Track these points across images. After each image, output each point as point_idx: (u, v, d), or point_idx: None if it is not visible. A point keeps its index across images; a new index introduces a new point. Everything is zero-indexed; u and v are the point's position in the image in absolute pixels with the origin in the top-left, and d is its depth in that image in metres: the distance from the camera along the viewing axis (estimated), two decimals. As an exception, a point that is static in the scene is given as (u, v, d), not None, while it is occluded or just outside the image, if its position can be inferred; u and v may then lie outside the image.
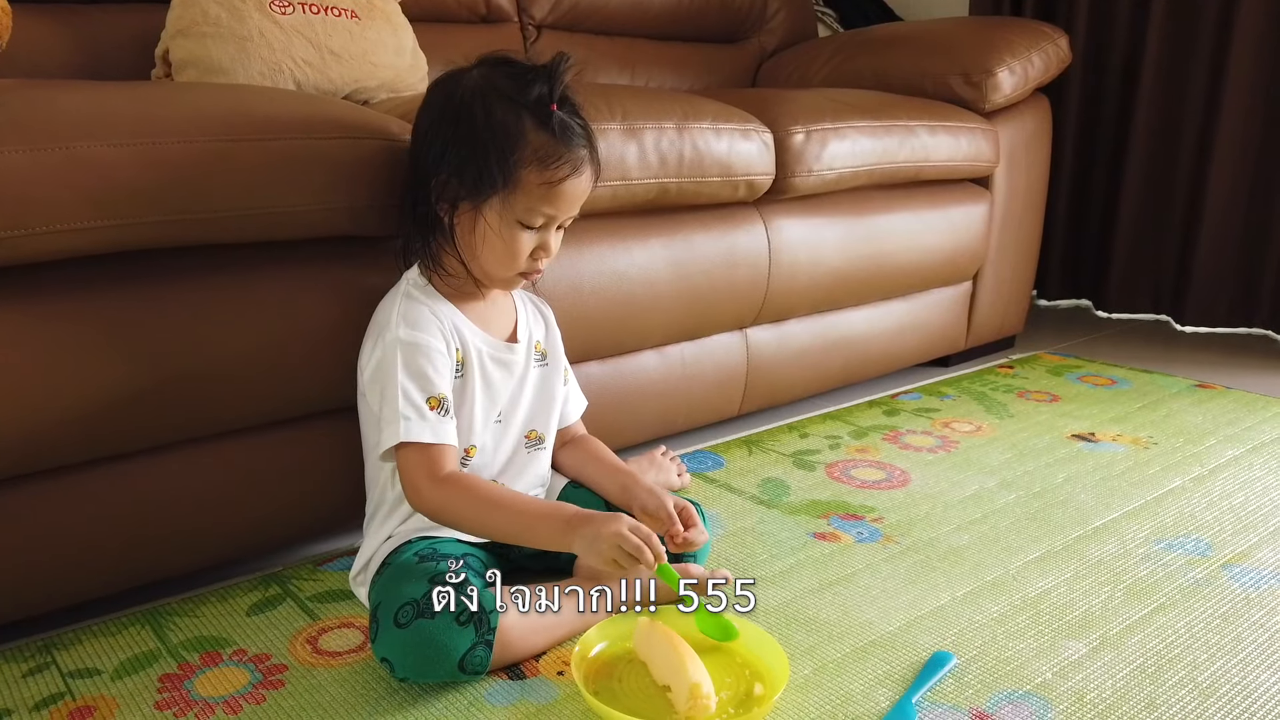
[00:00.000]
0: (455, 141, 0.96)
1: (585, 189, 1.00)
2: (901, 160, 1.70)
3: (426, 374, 0.96)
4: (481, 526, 0.97)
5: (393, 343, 0.97)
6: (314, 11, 1.41)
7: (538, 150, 0.94)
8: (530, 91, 0.95)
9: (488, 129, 0.94)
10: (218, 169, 0.96)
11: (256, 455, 1.10)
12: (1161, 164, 2.29)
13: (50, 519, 0.97)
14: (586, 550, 0.91)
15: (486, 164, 0.94)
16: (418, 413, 0.95)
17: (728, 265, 1.50)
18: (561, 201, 0.97)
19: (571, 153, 0.96)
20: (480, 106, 0.95)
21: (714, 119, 1.43)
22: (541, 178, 0.94)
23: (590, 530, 0.91)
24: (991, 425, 1.65)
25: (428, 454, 0.95)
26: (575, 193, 0.98)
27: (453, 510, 0.96)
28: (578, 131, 0.97)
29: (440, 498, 0.95)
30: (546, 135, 0.94)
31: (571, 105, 0.98)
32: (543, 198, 0.96)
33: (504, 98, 0.95)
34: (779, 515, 1.30)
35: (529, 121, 0.94)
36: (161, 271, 0.98)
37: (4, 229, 0.85)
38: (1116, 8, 2.31)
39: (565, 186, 0.96)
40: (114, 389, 0.95)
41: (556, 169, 0.95)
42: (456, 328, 1.01)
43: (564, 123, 0.96)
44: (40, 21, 1.39)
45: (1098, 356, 2.11)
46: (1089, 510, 1.31)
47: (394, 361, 0.96)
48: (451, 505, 0.95)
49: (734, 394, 1.61)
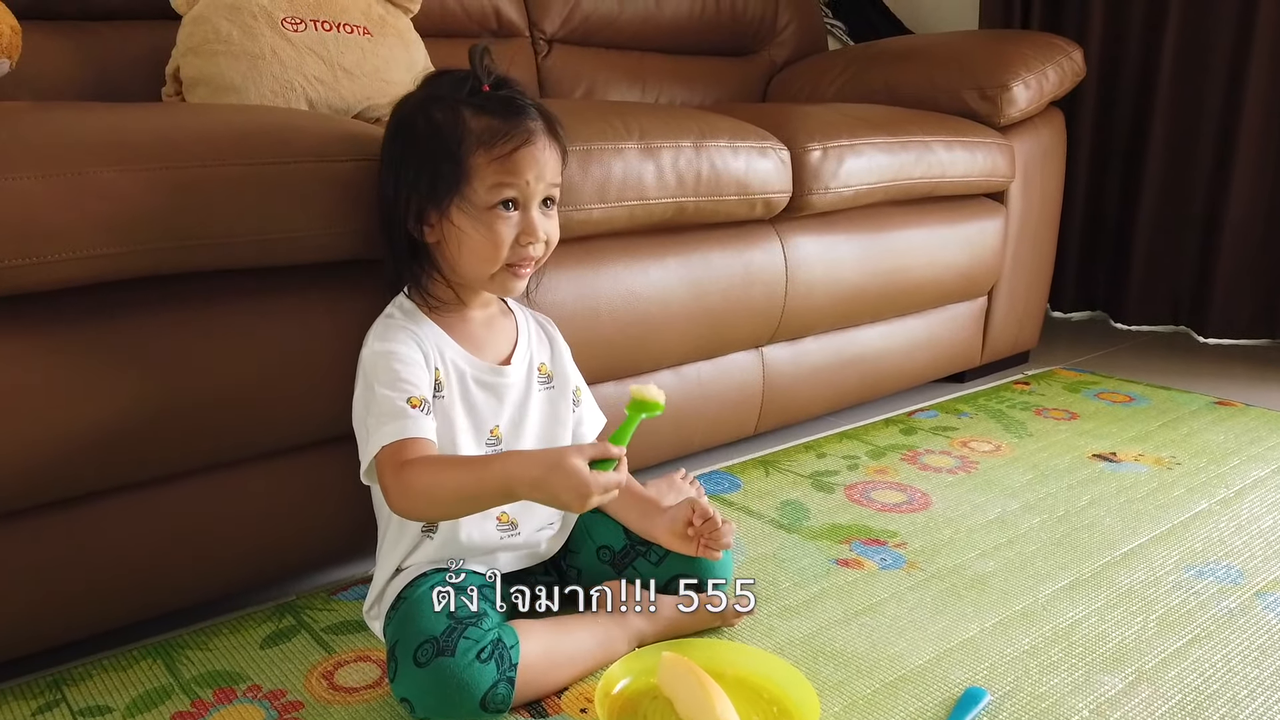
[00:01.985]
0: (406, 159, 0.96)
1: (546, 157, 0.96)
2: (918, 176, 1.68)
3: (404, 378, 0.93)
4: (447, 500, 0.89)
5: (367, 358, 0.96)
6: (326, 29, 1.39)
7: (480, 134, 0.92)
8: (463, 88, 0.95)
9: (430, 135, 0.94)
10: (231, 193, 0.94)
11: (268, 482, 1.08)
12: (1179, 173, 2.27)
13: (58, 550, 0.95)
14: (544, 501, 0.88)
15: (436, 166, 0.93)
16: (398, 414, 0.91)
17: (744, 283, 1.48)
18: (520, 173, 0.93)
19: (517, 123, 0.94)
20: (421, 118, 0.95)
21: (731, 136, 1.41)
22: (490, 155, 0.92)
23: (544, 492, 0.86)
24: (1011, 445, 1.63)
25: (394, 449, 0.90)
26: (533, 161, 0.94)
27: (415, 491, 0.88)
28: (520, 104, 0.95)
29: (401, 483, 0.88)
30: (487, 118, 0.93)
31: (510, 86, 0.97)
32: (498, 173, 0.93)
33: (441, 101, 0.95)
34: (800, 540, 1.27)
35: (466, 112, 0.93)
36: (169, 297, 0.96)
37: (15, 257, 0.83)
38: (1129, 18, 2.30)
39: (517, 157, 0.93)
40: (123, 417, 0.93)
41: (504, 143, 0.93)
42: (439, 347, 0.98)
43: (502, 99, 0.95)
44: (51, 38, 1.37)
45: (1115, 370, 2.09)
46: (1115, 535, 1.29)
47: (372, 378, 0.94)
48: (413, 486, 0.88)
49: (750, 413, 1.59)
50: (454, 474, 0.90)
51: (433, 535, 0.99)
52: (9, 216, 0.82)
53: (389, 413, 0.91)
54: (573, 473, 0.84)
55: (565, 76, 1.96)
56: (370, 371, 0.95)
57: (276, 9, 1.36)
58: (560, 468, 0.85)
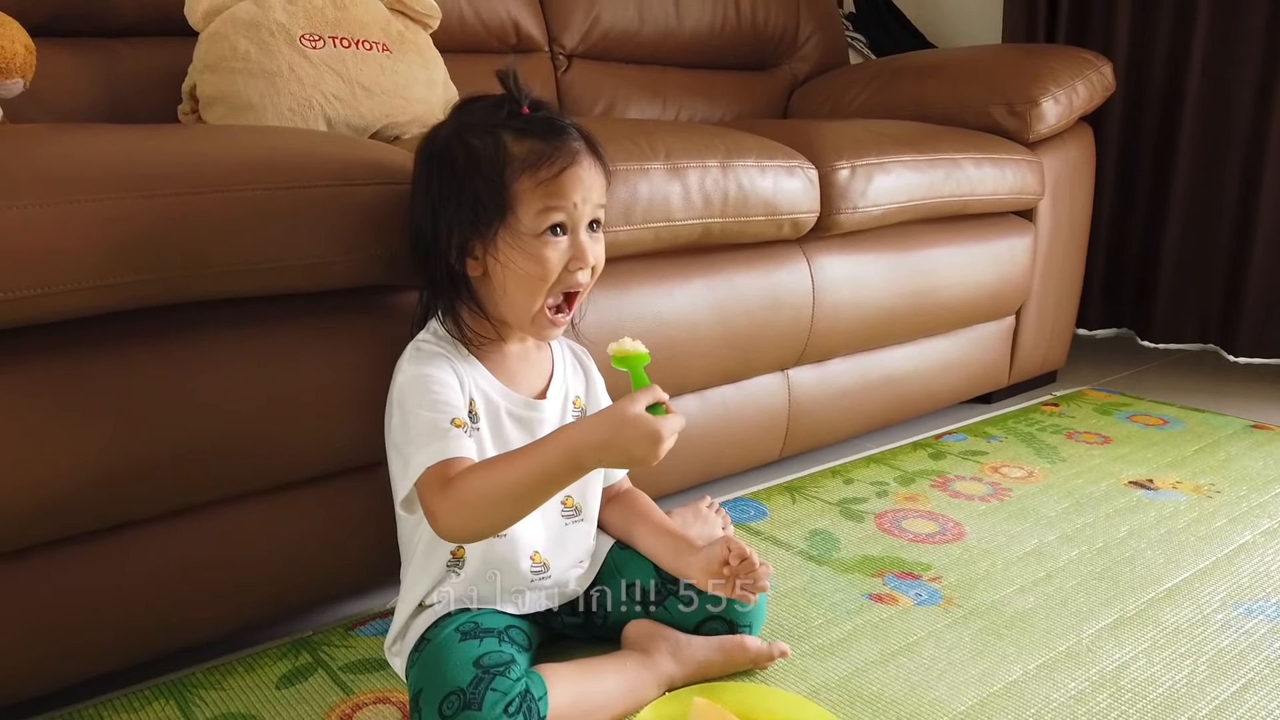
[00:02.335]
0: (446, 192, 0.91)
1: (592, 178, 0.92)
2: (947, 194, 1.65)
3: (443, 399, 0.90)
4: (503, 499, 0.84)
5: (401, 383, 0.92)
6: (345, 46, 1.36)
7: (524, 159, 0.89)
8: (499, 113, 0.91)
9: (470, 163, 0.90)
10: (250, 219, 0.91)
11: (286, 514, 1.05)
12: (1206, 188, 2.22)
13: (68, 588, 0.92)
14: (610, 465, 0.84)
15: (479, 196, 0.89)
16: (440, 434, 0.88)
17: (770, 305, 1.44)
18: (567, 195, 0.90)
19: (561, 144, 0.90)
20: (458, 146, 0.91)
21: (758, 156, 1.38)
22: (536, 180, 0.88)
23: (604, 452, 0.82)
24: (1043, 470, 1.59)
25: (438, 469, 0.86)
26: (579, 182, 0.90)
27: (466, 502, 0.83)
28: (562, 125, 0.92)
29: (449, 500, 0.84)
30: (529, 141, 0.89)
31: (546, 107, 0.94)
32: (545, 197, 0.89)
33: (477, 128, 0.91)
34: (830, 573, 1.23)
35: (506, 137, 0.89)
36: (185, 325, 0.93)
37: (28, 287, 0.80)
38: (1156, 31, 2.25)
39: (564, 179, 0.89)
40: (135, 449, 0.90)
41: (549, 165, 0.89)
42: (473, 378, 0.95)
43: (543, 121, 0.91)
44: (66, 56, 1.34)
45: (1144, 390, 2.04)
46: (1158, 569, 1.24)
47: (409, 403, 0.90)
48: (462, 497, 0.83)
49: (775, 437, 1.55)
50: (509, 467, 0.85)
51: (459, 571, 0.96)
52: (21, 245, 0.79)
53: (430, 434, 0.88)
54: (641, 422, 0.81)
55: (585, 92, 1.93)
56: (406, 396, 0.91)
57: (295, 26, 1.33)
58: (626, 422, 0.81)
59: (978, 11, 2.69)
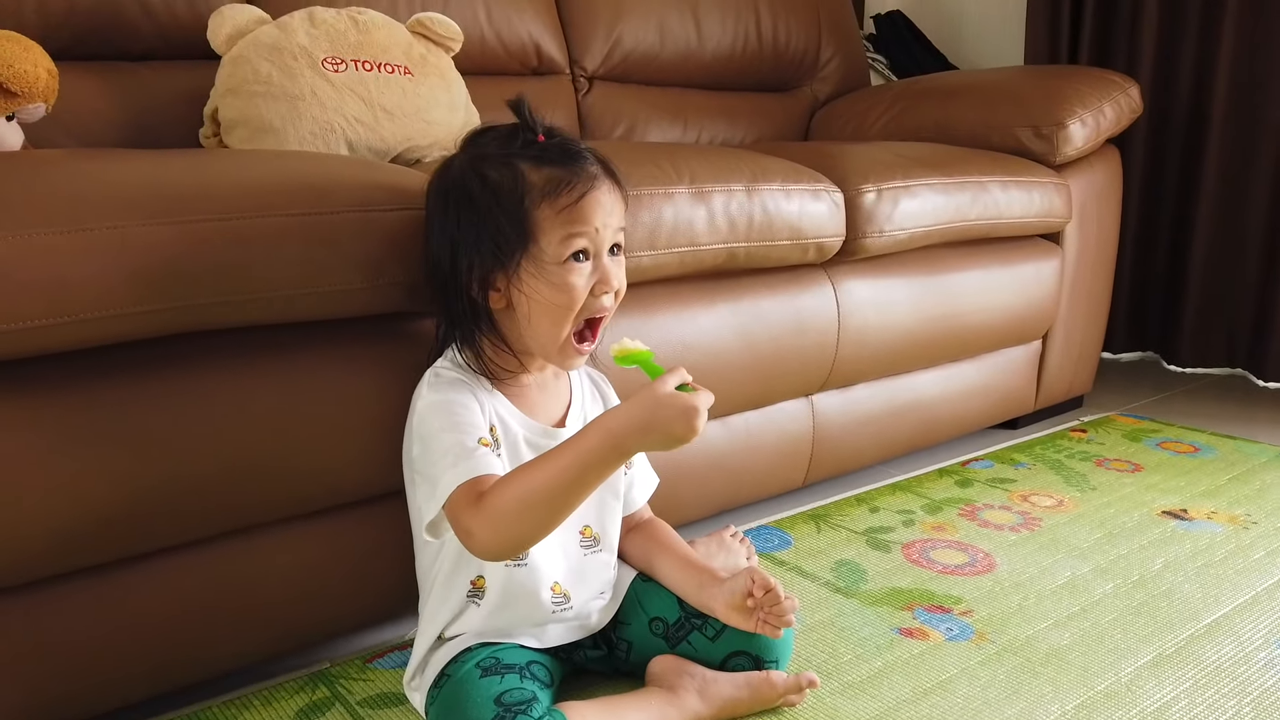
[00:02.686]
0: (465, 225, 0.90)
1: (611, 201, 0.91)
2: (974, 218, 1.62)
3: (467, 420, 0.88)
4: (542, 502, 0.82)
5: (421, 410, 0.90)
6: (367, 69, 1.36)
7: (543, 186, 0.87)
8: (514, 142, 0.90)
9: (487, 194, 0.88)
10: (272, 247, 0.89)
11: (302, 544, 1.03)
12: (1233, 210, 2.19)
13: (82, 621, 0.90)
14: (653, 448, 0.83)
15: (500, 227, 0.88)
16: (467, 454, 0.86)
17: (795, 330, 1.42)
18: (589, 220, 0.88)
19: (578, 170, 0.89)
20: (474, 178, 0.90)
21: (784, 179, 1.36)
22: (556, 207, 0.87)
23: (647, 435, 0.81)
24: (1073, 499, 1.55)
25: (468, 486, 0.84)
26: (598, 206, 0.89)
27: (502, 512, 0.82)
28: (577, 150, 0.91)
29: (484, 514, 0.82)
30: (547, 169, 0.88)
31: (560, 133, 0.92)
32: (567, 224, 0.88)
33: (493, 159, 0.90)
34: (859, 606, 1.20)
35: (524, 166, 0.88)
36: (203, 353, 0.92)
37: (48, 316, 0.79)
38: (1181, 52, 2.23)
39: (584, 204, 0.88)
40: (151, 479, 0.88)
41: (569, 191, 0.87)
42: (493, 406, 0.93)
43: (559, 148, 0.90)
44: (88, 80, 1.34)
45: (1172, 416, 2.00)
46: (1197, 603, 1.21)
47: (431, 426, 0.89)
48: (498, 508, 0.82)
49: (799, 464, 1.53)
50: (546, 467, 0.83)
51: (479, 601, 0.94)
52: (41, 273, 0.78)
53: (457, 454, 0.86)
54: (676, 399, 0.81)
55: (606, 114, 1.92)
56: (428, 421, 0.89)
57: (317, 49, 1.33)
58: (661, 402, 0.81)
59: (999, 33, 2.67)
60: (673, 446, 0.82)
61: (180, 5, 1.39)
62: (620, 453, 0.82)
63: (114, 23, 1.36)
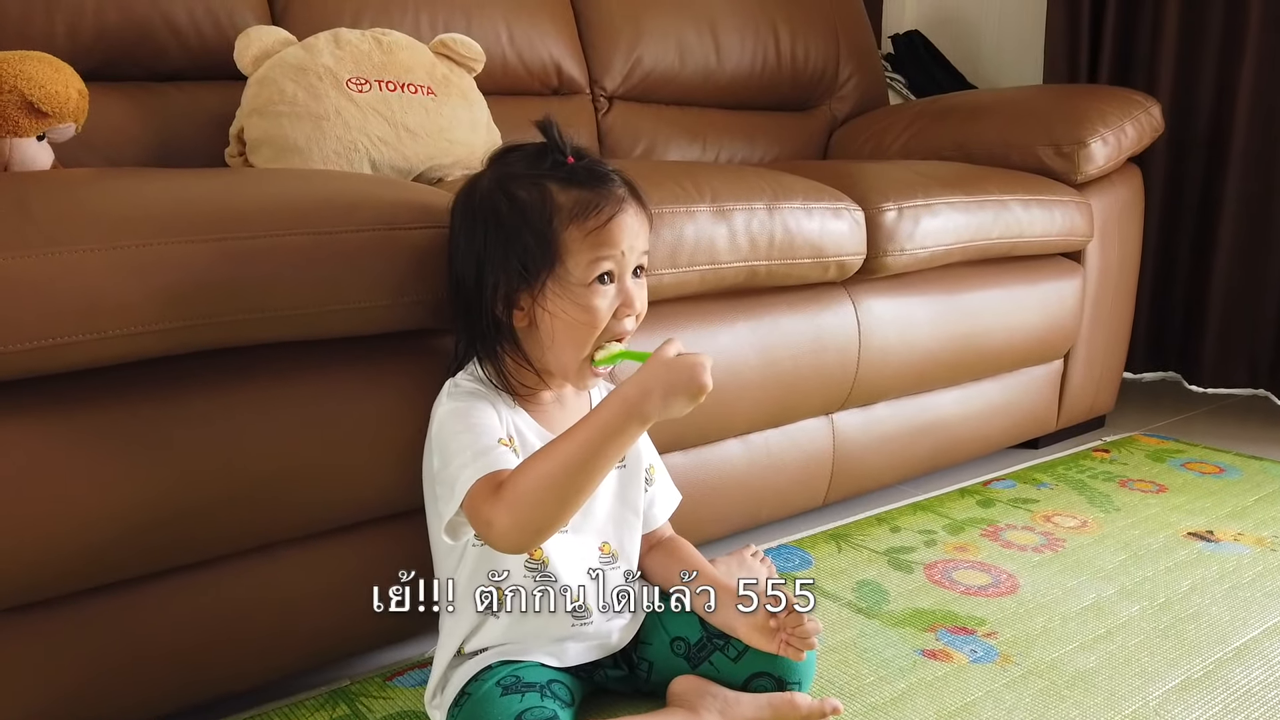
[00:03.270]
0: (492, 244, 0.90)
1: (637, 224, 0.92)
2: (995, 236, 1.62)
3: (485, 423, 0.89)
4: (562, 480, 0.82)
5: (440, 417, 0.91)
6: (390, 89, 1.37)
7: (571, 208, 0.88)
8: (543, 162, 0.91)
9: (515, 214, 0.89)
10: (297, 265, 0.90)
11: (325, 560, 1.03)
12: (1254, 229, 2.17)
13: (100, 637, 0.90)
14: (674, 411, 0.84)
15: (527, 247, 0.88)
16: (485, 450, 0.86)
17: (815, 348, 1.41)
18: (615, 243, 0.89)
19: (606, 192, 0.90)
20: (502, 198, 0.90)
21: (805, 198, 1.36)
22: (584, 229, 0.88)
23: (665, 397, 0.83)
24: (1097, 520, 1.54)
25: (486, 480, 0.84)
26: (625, 229, 0.90)
27: (522, 495, 0.82)
28: (605, 172, 0.91)
29: (504, 501, 0.82)
30: (575, 190, 0.89)
31: (588, 155, 0.93)
32: (595, 246, 0.88)
33: (521, 179, 0.91)
34: (881, 627, 1.19)
35: (552, 187, 0.89)
36: (228, 370, 0.92)
37: (77, 333, 0.80)
38: (1201, 71, 2.22)
39: (612, 227, 0.89)
40: (173, 496, 0.89)
41: (596, 214, 0.88)
42: (510, 418, 0.94)
43: (587, 169, 0.91)
44: (117, 100, 1.36)
45: (1195, 437, 1.98)
46: (1224, 626, 1.19)
47: (449, 431, 0.89)
48: (518, 492, 0.82)
49: (820, 483, 1.52)
50: (564, 446, 0.83)
51: (497, 615, 0.93)
52: (71, 290, 0.79)
53: (475, 451, 0.86)
54: (682, 361, 0.83)
55: (625, 133, 1.93)
56: (446, 426, 0.90)
57: (342, 70, 1.34)
58: (670, 364, 0.83)
59: (1018, 52, 2.67)
60: (689, 404, 0.83)
61: (208, 27, 1.41)
62: (640, 418, 0.83)
63: (143, 44, 1.38)
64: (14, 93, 1.06)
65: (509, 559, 0.92)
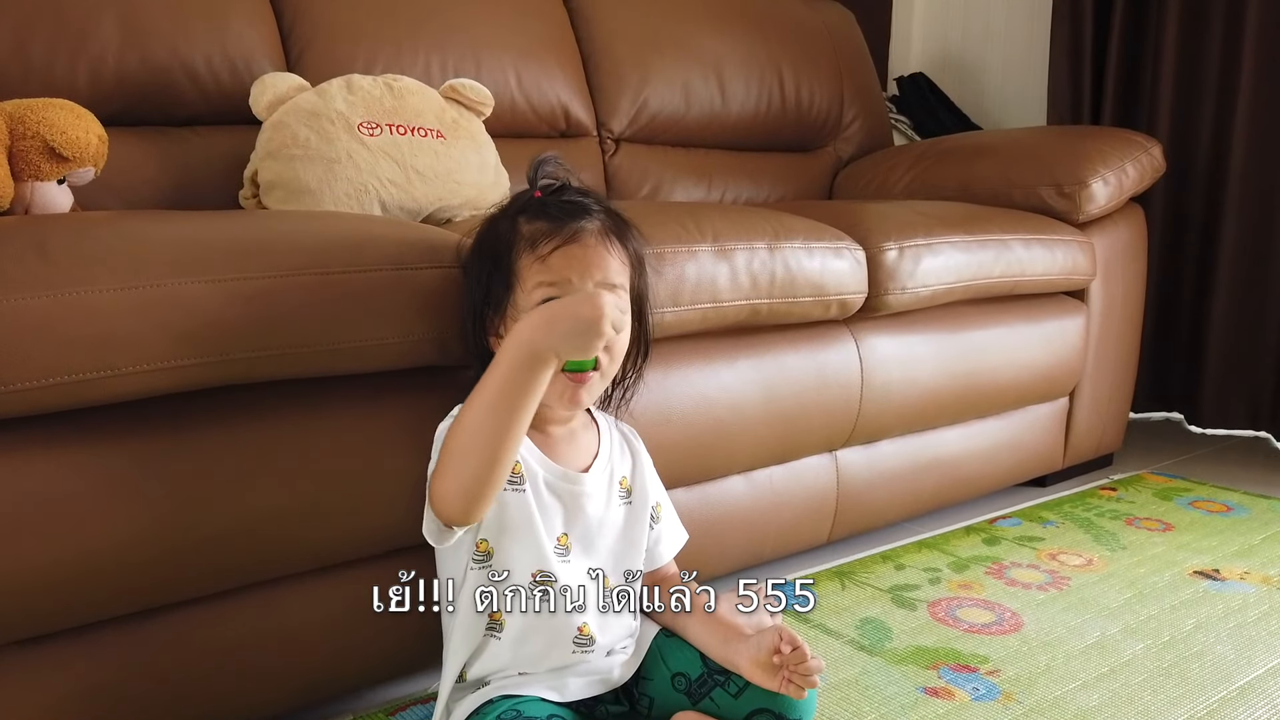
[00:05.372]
0: (473, 271, 0.98)
1: (594, 255, 0.93)
2: (997, 275, 1.63)
3: None
4: (478, 427, 0.85)
5: (438, 434, 0.93)
6: (401, 133, 1.41)
7: (530, 238, 0.93)
8: (524, 197, 0.97)
9: (490, 244, 0.96)
10: (308, 303, 0.93)
11: (331, 595, 1.04)
12: (1254, 271, 2.18)
13: (112, 668, 0.92)
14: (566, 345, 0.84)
15: (493, 274, 0.95)
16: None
17: (818, 386, 1.43)
18: (559, 270, 0.91)
19: (563, 224, 0.93)
20: (489, 232, 0.97)
21: (806, 237, 1.38)
22: (534, 256, 0.92)
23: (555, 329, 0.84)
24: (1103, 558, 1.53)
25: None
26: (575, 259, 0.91)
27: (450, 453, 0.87)
28: (576, 206, 0.95)
29: (439, 465, 0.88)
30: (539, 222, 0.93)
31: (570, 190, 0.97)
32: (540, 272, 0.91)
33: (506, 214, 0.97)
34: (883, 664, 1.19)
35: (521, 220, 0.95)
36: (238, 406, 0.94)
37: (92, 370, 0.82)
38: (1200, 113, 2.24)
39: (558, 255, 0.91)
40: (189, 530, 0.90)
41: (546, 242, 0.92)
42: None
43: (559, 204, 0.95)
44: (135, 144, 1.39)
45: (1201, 476, 1.98)
46: (1229, 665, 1.18)
47: (435, 444, 0.92)
48: (447, 451, 0.87)
49: (824, 520, 1.52)
50: (476, 398, 0.86)
51: (499, 636, 0.94)
52: (87, 329, 0.82)
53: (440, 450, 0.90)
54: (576, 295, 0.87)
55: (632, 174, 1.96)
56: (436, 445, 0.93)
57: (354, 114, 1.38)
58: (564, 301, 0.87)
59: (1021, 93, 2.70)
60: (585, 333, 0.83)
61: (225, 74, 1.45)
62: (531, 353, 0.84)
63: (162, 90, 1.42)
64: (37, 138, 1.10)
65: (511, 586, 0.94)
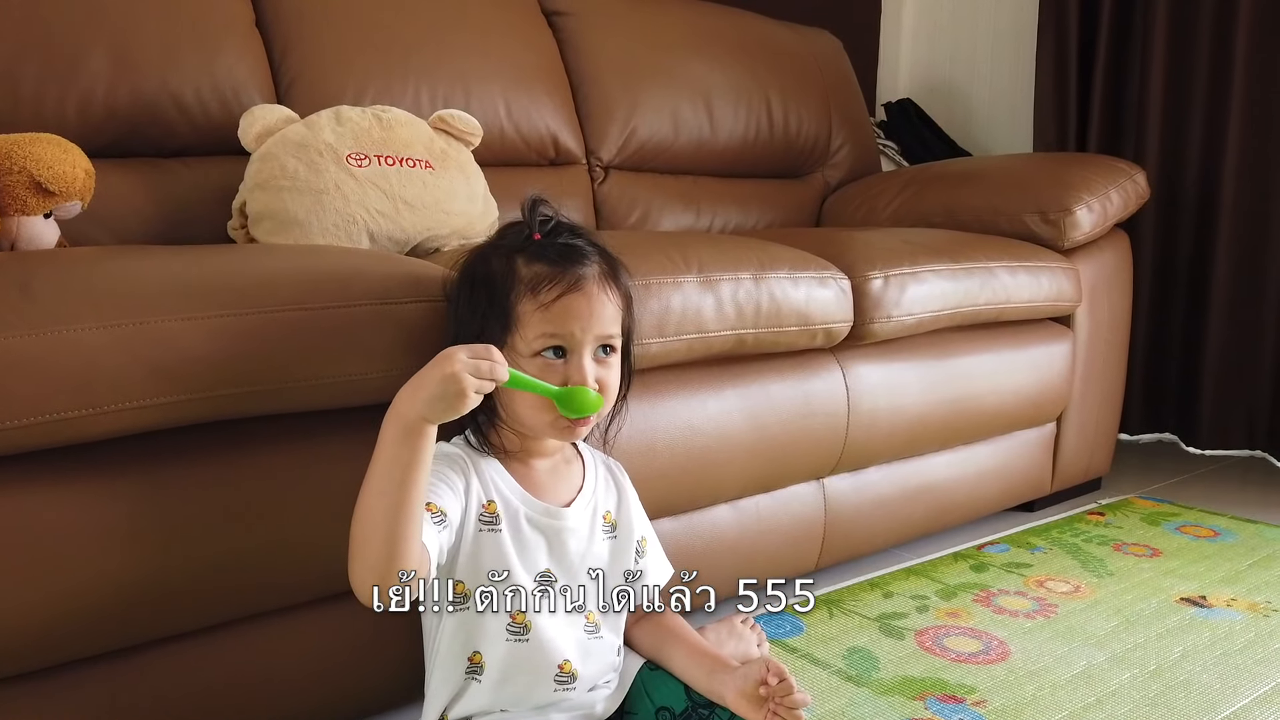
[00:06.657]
0: (463, 307, 0.96)
1: (597, 306, 0.93)
2: (982, 303, 1.64)
3: (431, 487, 0.89)
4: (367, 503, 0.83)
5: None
6: (389, 163, 1.41)
7: (530, 281, 0.92)
8: (520, 236, 0.95)
9: (484, 282, 0.95)
10: (292, 339, 0.93)
11: (316, 630, 1.04)
12: (1247, 291, 2.20)
13: (100, 705, 0.92)
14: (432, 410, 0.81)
15: (487, 314, 0.93)
16: None
17: (804, 414, 1.43)
18: (564, 321, 0.91)
19: (567, 270, 0.92)
20: (480, 266, 0.96)
21: (791, 267, 1.39)
22: (536, 303, 0.91)
23: (417, 394, 0.81)
24: (1090, 585, 1.54)
25: None
26: (579, 310, 0.91)
27: (353, 531, 0.84)
28: (575, 250, 0.94)
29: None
30: (539, 265, 0.92)
31: (570, 232, 0.96)
32: (542, 321, 0.91)
33: (500, 251, 0.96)
34: (870, 695, 1.19)
35: (519, 260, 0.93)
36: (223, 441, 0.95)
37: (76, 408, 0.82)
38: (1188, 138, 2.27)
39: (562, 304, 0.91)
40: (174, 566, 0.91)
41: (549, 290, 0.91)
42: (494, 480, 0.95)
43: (558, 246, 0.94)
44: (123, 176, 1.40)
45: (1192, 499, 1.98)
46: (1215, 694, 1.19)
47: None
48: (352, 529, 0.84)
49: (811, 548, 1.52)
50: (363, 487, 0.84)
51: (479, 679, 0.94)
52: (71, 367, 0.82)
53: None
54: (435, 360, 0.81)
55: (621, 201, 1.98)
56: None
57: (342, 146, 1.39)
58: (425, 367, 0.81)
59: (1008, 118, 2.73)
60: (447, 395, 0.80)
61: (214, 105, 1.46)
62: (406, 425, 0.81)
63: (152, 123, 1.42)
64: (23, 173, 1.11)
65: (489, 629, 0.93)
